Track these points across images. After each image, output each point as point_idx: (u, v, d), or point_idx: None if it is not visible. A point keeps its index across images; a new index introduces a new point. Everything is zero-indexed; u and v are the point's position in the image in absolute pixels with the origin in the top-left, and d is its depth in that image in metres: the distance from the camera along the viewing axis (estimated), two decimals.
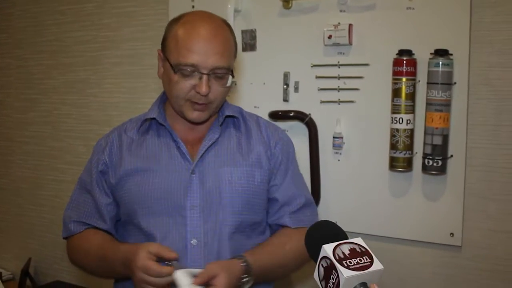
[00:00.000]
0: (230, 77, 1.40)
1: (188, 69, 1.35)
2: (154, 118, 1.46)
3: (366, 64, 1.86)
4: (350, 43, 1.87)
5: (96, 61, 2.53)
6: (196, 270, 1.23)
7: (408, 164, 1.77)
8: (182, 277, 1.18)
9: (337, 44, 1.88)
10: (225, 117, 1.48)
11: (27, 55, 2.76)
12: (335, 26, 1.86)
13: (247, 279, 1.30)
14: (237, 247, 1.40)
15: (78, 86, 2.60)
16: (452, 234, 1.77)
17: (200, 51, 1.34)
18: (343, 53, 1.90)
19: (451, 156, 1.74)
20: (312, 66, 1.95)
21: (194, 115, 1.40)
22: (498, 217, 1.73)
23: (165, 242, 1.35)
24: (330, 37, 1.87)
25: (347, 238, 0.83)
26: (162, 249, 1.26)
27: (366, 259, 0.80)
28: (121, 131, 1.51)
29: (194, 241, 1.37)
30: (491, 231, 1.74)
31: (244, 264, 1.31)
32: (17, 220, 2.87)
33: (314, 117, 1.95)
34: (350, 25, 1.85)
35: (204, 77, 1.35)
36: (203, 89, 1.34)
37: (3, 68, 2.85)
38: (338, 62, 1.90)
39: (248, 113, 1.56)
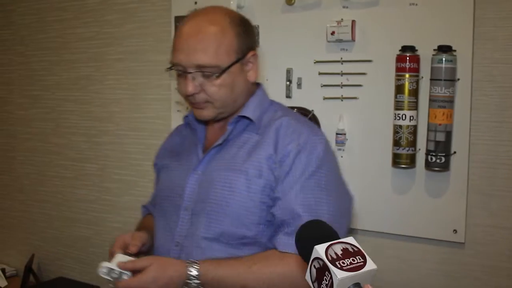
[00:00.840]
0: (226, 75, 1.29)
1: (179, 68, 1.30)
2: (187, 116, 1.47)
3: (369, 61, 1.86)
4: (353, 40, 1.86)
5: (98, 57, 2.53)
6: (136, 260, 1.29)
7: (411, 161, 1.77)
8: (116, 257, 1.27)
9: (340, 41, 1.87)
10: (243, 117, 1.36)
11: (29, 51, 2.75)
12: (338, 22, 1.85)
13: (195, 284, 1.22)
14: (216, 257, 1.28)
15: (80, 82, 2.60)
16: (455, 231, 1.77)
17: (183, 49, 1.28)
18: (346, 49, 1.89)
19: (455, 152, 1.74)
20: (315, 63, 1.94)
21: (197, 113, 1.36)
22: (501, 213, 1.72)
23: (157, 240, 1.41)
24: (333, 33, 1.86)
25: (339, 238, 0.82)
26: (132, 241, 1.35)
27: (359, 259, 0.78)
28: (178, 127, 1.58)
29: (176, 243, 1.35)
30: (494, 227, 1.74)
31: (192, 269, 1.22)
32: (21, 217, 2.88)
33: (317, 113, 1.95)
34: (353, 21, 1.85)
35: (188, 76, 1.28)
36: (185, 88, 1.29)
37: (5, 64, 2.85)
38: (341, 58, 1.90)
39: (282, 111, 1.40)
